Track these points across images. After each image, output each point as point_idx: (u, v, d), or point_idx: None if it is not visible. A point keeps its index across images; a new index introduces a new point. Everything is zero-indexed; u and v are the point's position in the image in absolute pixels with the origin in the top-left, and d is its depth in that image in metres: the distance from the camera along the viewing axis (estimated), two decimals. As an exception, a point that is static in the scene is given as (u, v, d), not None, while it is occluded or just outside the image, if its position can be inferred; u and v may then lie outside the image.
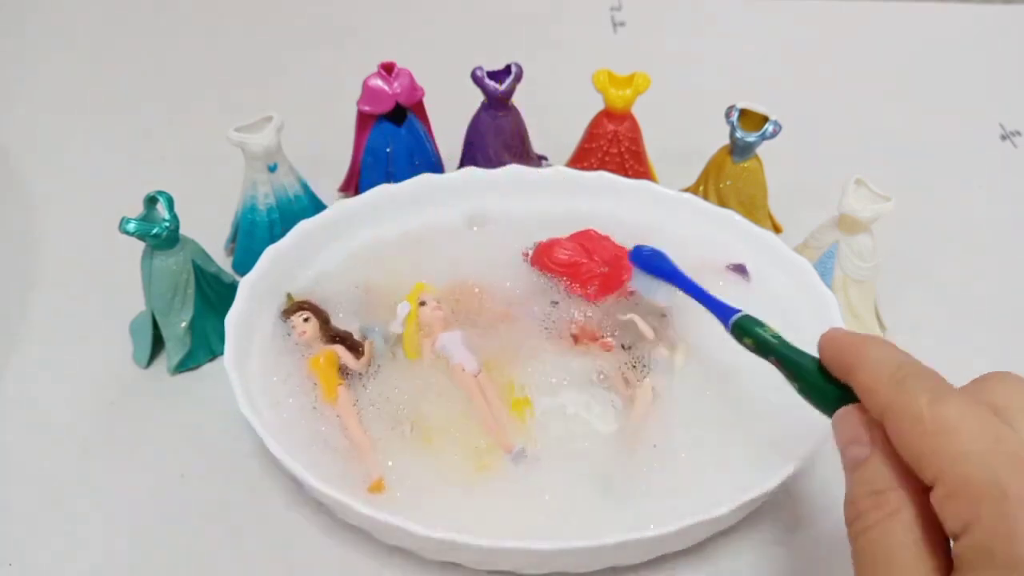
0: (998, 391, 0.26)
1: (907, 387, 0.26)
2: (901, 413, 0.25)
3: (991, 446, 0.23)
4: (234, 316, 0.40)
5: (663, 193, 0.48)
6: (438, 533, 0.33)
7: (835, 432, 0.29)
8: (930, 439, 0.24)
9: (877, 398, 0.27)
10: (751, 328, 0.34)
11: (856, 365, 0.28)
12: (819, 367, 0.30)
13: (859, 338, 0.29)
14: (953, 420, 0.24)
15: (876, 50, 0.73)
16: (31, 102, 0.66)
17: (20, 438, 0.42)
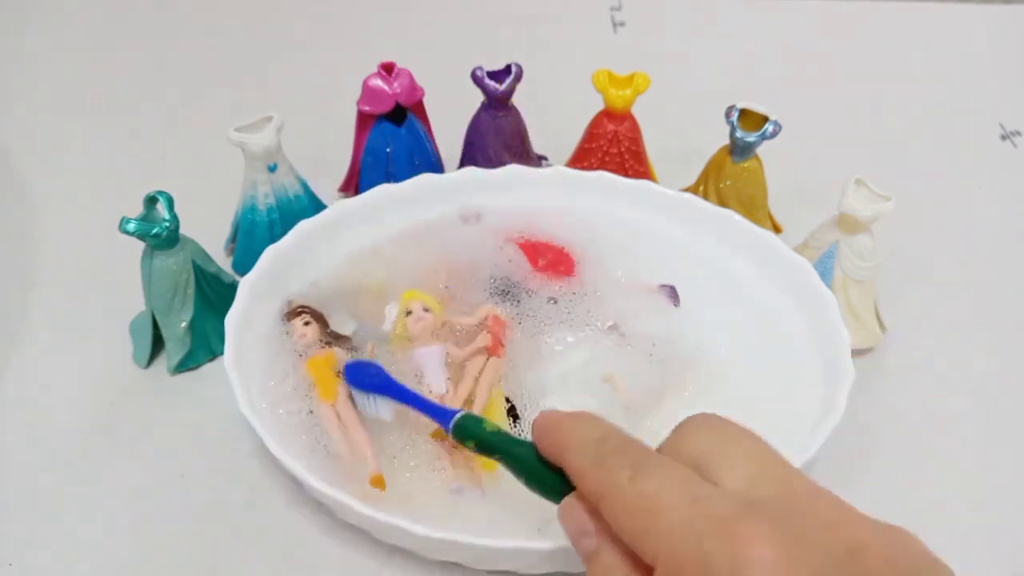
0: (696, 440, 0.26)
1: (609, 466, 0.25)
2: (607, 495, 0.25)
3: (691, 514, 0.23)
4: (234, 316, 0.40)
5: (663, 193, 0.48)
6: (438, 533, 0.33)
7: (563, 526, 0.27)
8: (638, 519, 0.24)
9: (586, 483, 0.26)
10: (471, 427, 0.33)
11: (564, 447, 0.27)
12: (538, 456, 0.29)
13: (567, 417, 0.29)
14: (653, 494, 0.24)
15: (876, 50, 0.73)
16: (31, 102, 0.66)
17: (20, 438, 0.42)
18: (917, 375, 0.46)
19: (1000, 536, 0.39)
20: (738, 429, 0.27)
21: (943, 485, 0.41)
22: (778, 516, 0.23)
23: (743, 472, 0.24)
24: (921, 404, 0.45)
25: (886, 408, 0.44)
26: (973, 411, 0.45)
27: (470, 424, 0.33)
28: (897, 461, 0.42)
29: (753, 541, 0.22)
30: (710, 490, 0.24)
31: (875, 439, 0.43)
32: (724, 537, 0.22)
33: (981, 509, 0.40)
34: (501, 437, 0.32)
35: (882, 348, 0.47)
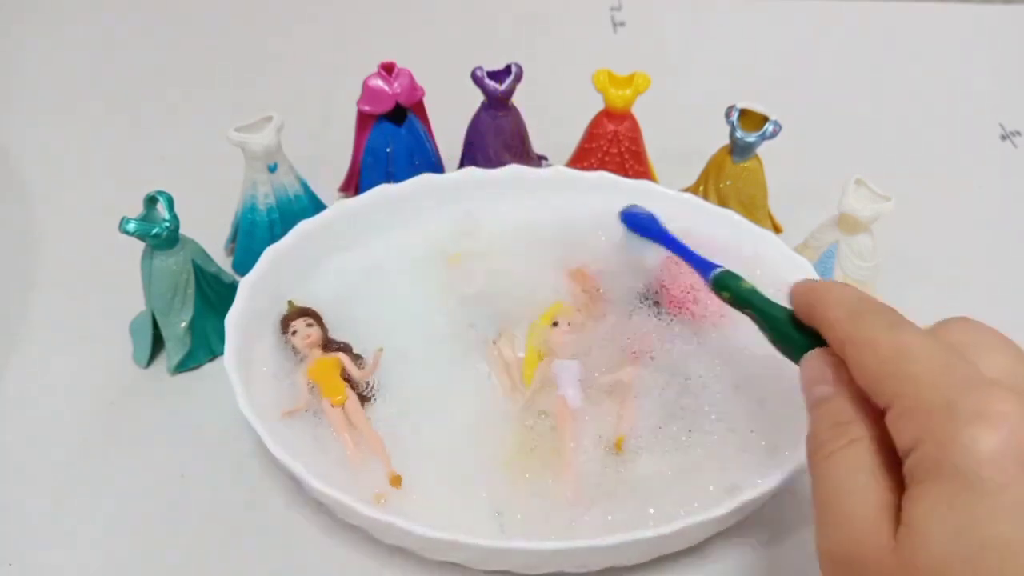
0: (954, 330, 0.27)
1: (866, 319, 0.27)
2: (859, 342, 0.26)
3: (942, 369, 0.24)
4: (234, 316, 0.40)
5: (663, 193, 0.48)
6: (438, 533, 0.33)
7: (801, 374, 0.29)
8: (886, 365, 0.25)
9: (837, 331, 0.28)
10: (729, 282, 0.35)
11: (819, 304, 0.29)
12: (791, 317, 0.31)
13: (824, 282, 0.31)
14: (908, 347, 0.25)
15: (876, 50, 0.73)
16: (31, 102, 0.66)
17: (20, 438, 0.42)
18: (917, 375, 0.46)
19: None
20: (997, 333, 0.27)
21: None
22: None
23: (998, 363, 0.25)
24: (921, 404, 0.45)
25: (886, 408, 0.44)
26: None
27: (728, 279, 0.36)
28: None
29: (1001, 399, 0.23)
30: (963, 359, 0.25)
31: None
32: (973, 393, 0.23)
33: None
34: (756, 294, 0.34)
35: (882, 348, 0.47)
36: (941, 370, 0.24)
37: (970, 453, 0.22)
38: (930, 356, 0.25)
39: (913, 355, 0.25)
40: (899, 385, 0.24)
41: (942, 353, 0.25)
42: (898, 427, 0.24)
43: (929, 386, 0.24)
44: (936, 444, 0.23)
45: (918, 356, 0.25)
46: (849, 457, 0.25)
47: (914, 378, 0.24)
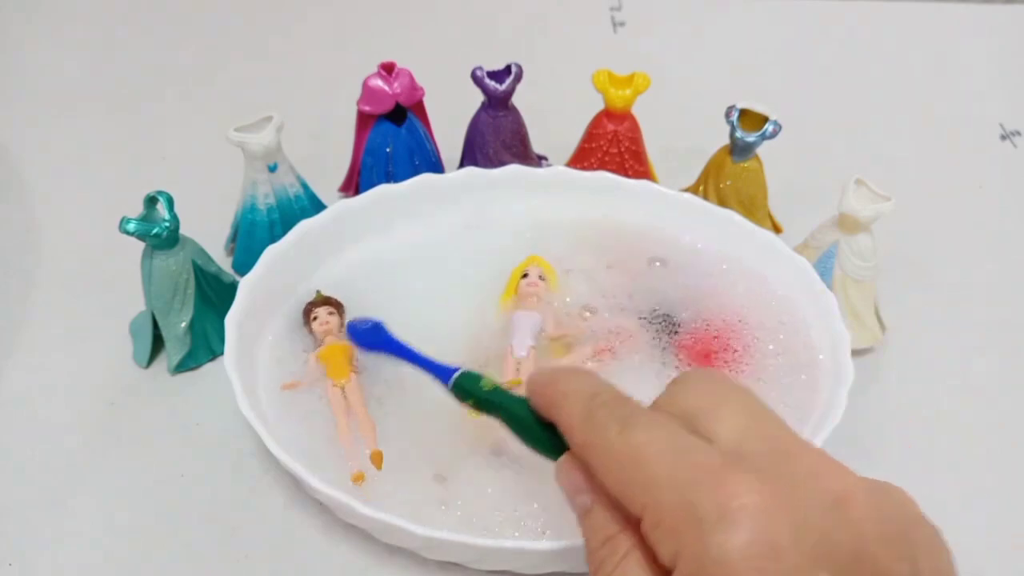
0: (689, 394, 0.26)
1: (598, 420, 0.25)
2: (596, 449, 0.25)
3: (677, 463, 0.23)
4: (234, 316, 0.40)
5: (663, 193, 0.48)
6: (438, 533, 0.33)
7: (559, 483, 0.28)
8: (625, 472, 0.24)
9: (575, 436, 0.26)
10: (468, 386, 0.32)
11: (555, 403, 0.28)
12: (535, 413, 0.29)
13: (558, 373, 0.29)
14: (641, 446, 0.24)
15: (876, 50, 0.73)
16: (31, 102, 0.66)
17: (20, 438, 0.42)
18: (917, 375, 0.46)
19: (1001, 535, 0.39)
20: (732, 385, 0.26)
21: (943, 485, 0.40)
22: (765, 467, 0.23)
23: (733, 426, 0.24)
24: (921, 404, 0.45)
25: (886, 408, 0.44)
26: (973, 411, 0.45)
27: (467, 382, 0.32)
28: (897, 461, 0.42)
29: (739, 490, 0.22)
30: (698, 442, 0.24)
31: (875, 439, 0.43)
32: (710, 486, 0.22)
33: (981, 509, 0.40)
34: (499, 395, 0.31)
35: (882, 348, 0.47)
36: (675, 466, 0.23)
37: (725, 564, 0.21)
38: (662, 454, 0.23)
39: (647, 457, 0.24)
40: (642, 493, 0.23)
41: (674, 444, 0.24)
42: (653, 540, 0.23)
43: (668, 489, 0.23)
44: (692, 558, 0.22)
45: (652, 457, 0.23)
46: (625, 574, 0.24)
47: (653, 483, 0.23)
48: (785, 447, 0.24)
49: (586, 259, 0.47)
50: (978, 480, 0.41)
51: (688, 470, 0.23)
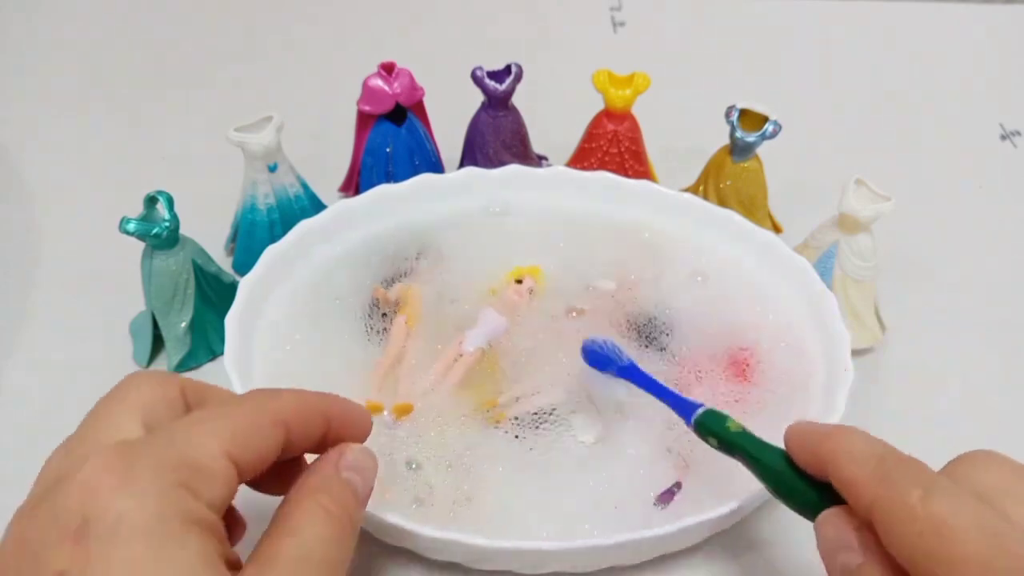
0: (981, 475, 0.25)
1: (894, 480, 0.25)
2: (891, 510, 0.24)
3: (990, 548, 0.22)
4: (234, 316, 0.40)
5: (663, 193, 0.48)
6: (438, 533, 0.33)
7: (819, 538, 0.27)
8: (926, 540, 0.23)
9: (862, 493, 0.25)
10: (713, 426, 0.32)
11: (832, 459, 0.27)
12: (790, 462, 0.29)
13: (830, 429, 0.28)
14: (947, 517, 0.23)
15: (876, 50, 0.73)
16: (31, 102, 0.66)
17: (20, 438, 0.42)
18: (917, 375, 0.46)
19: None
20: (1020, 466, 0.26)
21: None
22: None
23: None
24: (921, 404, 0.45)
25: (886, 408, 0.44)
26: (973, 411, 0.45)
27: (712, 422, 0.32)
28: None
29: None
30: (1008, 527, 0.23)
31: (875, 439, 0.43)
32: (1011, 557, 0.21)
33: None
34: (747, 438, 0.31)
35: (882, 348, 0.47)
36: (989, 549, 0.22)
37: None
38: (973, 533, 0.22)
39: (955, 529, 0.23)
40: (945, 569, 0.22)
41: (987, 524, 0.23)
42: None
43: (980, 571, 0.22)
44: None
45: (961, 531, 0.23)
46: None
47: (962, 562, 0.22)
48: None
49: (586, 259, 0.47)
50: (978, 480, 0.41)
51: (1004, 558, 0.22)
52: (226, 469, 0.25)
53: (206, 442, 0.25)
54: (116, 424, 0.26)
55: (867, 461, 0.26)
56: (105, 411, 0.27)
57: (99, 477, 0.23)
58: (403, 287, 0.44)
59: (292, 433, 0.27)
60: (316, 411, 0.29)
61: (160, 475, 0.23)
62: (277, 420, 0.27)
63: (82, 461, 0.24)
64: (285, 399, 0.28)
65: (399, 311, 0.43)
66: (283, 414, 0.27)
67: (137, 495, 0.23)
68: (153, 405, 0.27)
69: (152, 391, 0.27)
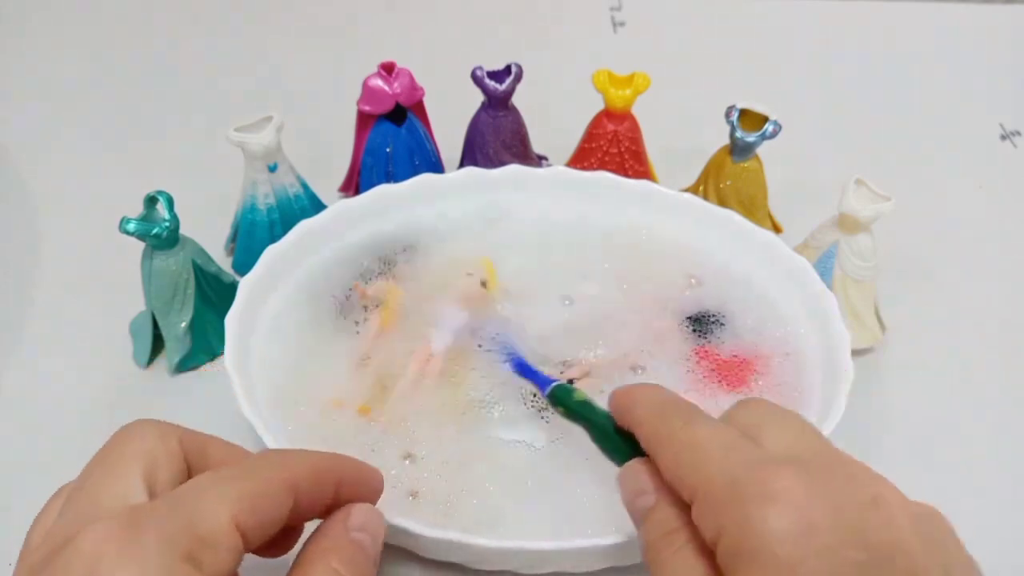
0: (743, 413, 0.28)
1: (666, 416, 0.28)
2: (660, 440, 0.28)
3: (726, 453, 0.25)
4: (234, 316, 0.40)
5: (663, 193, 0.48)
6: (438, 533, 0.33)
7: (620, 487, 0.29)
8: (681, 458, 0.26)
9: (644, 430, 0.29)
10: (561, 395, 0.36)
11: (631, 407, 0.30)
12: (615, 424, 0.32)
13: (638, 385, 0.32)
14: (698, 439, 0.26)
15: (876, 50, 0.73)
16: (31, 102, 0.66)
17: (20, 438, 0.42)
18: (917, 375, 0.46)
19: (1001, 536, 0.39)
20: (784, 410, 0.28)
21: (943, 485, 0.40)
22: (808, 467, 0.24)
23: (783, 439, 0.26)
24: (921, 404, 0.45)
25: (886, 408, 0.44)
26: (973, 411, 0.45)
27: (561, 393, 0.36)
28: (897, 461, 0.42)
29: (781, 474, 0.23)
30: (750, 442, 0.26)
31: (875, 439, 0.43)
32: (756, 472, 0.24)
33: (982, 509, 0.40)
34: (586, 407, 0.34)
35: (882, 348, 0.47)
36: (725, 454, 0.25)
37: (763, 535, 0.22)
38: (716, 443, 0.26)
39: (702, 445, 0.26)
40: (694, 476, 0.25)
41: (727, 438, 0.26)
42: (701, 521, 0.25)
43: (717, 472, 0.25)
44: (733, 531, 0.23)
45: (706, 445, 0.26)
46: (677, 563, 0.26)
47: (704, 467, 0.25)
48: (828, 457, 0.26)
49: (586, 259, 0.47)
50: (978, 480, 0.41)
51: (737, 458, 0.25)
52: (233, 539, 0.24)
53: (214, 509, 0.24)
54: (118, 483, 0.26)
55: (652, 406, 0.29)
56: (106, 466, 0.27)
57: (102, 547, 0.23)
58: (384, 285, 0.44)
59: (302, 498, 0.27)
60: (327, 474, 0.28)
61: (165, 548, 0.23)
62: (288, 486, 0.26)
63: (85, 525, 0.23)
64: (297, 462, 0.27)
65: (378, 308, 0.43)
66: (294, 479, 0.26)
67: (141, 568, 0.22)
68: (154, 459, 0.26)
69: (153, 444, 0.27)
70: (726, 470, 0.24)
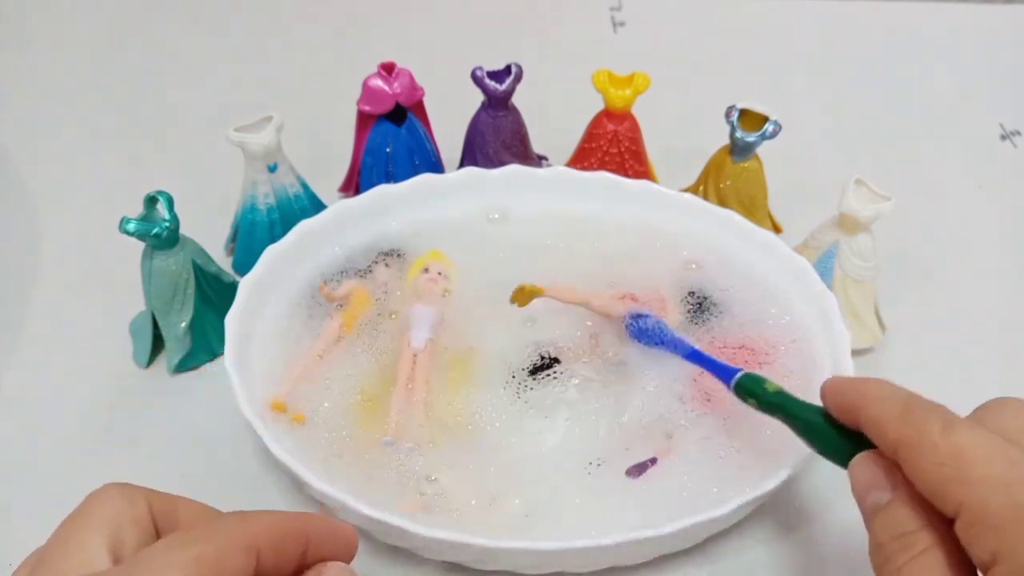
0: (1001, 416, 0.26)
1: (916, 418, 0.26)
2: (914, 445, 0.25)
3: (1008, 470, 0.23)
4: (234, 316, 0.40)
5: (663, 193, 0.48)
6: (438, 533, 0.33)
7: (852, 480, 0.28)
8: (947, 469, 0.24)
9: (887, 433, 0.27)
10: (753, 388, 0.34)
11: (861, 404, 0.28)
12: (826, 417, 0.30)
13: (861, 379, 0.30)
14: (967, 447, 0.24)
15: (876, 50, 0.73)
16: (31, 102, 0.66)
17: (20, 438, 0.42)
18: (917, 375, 0.46)
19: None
20: None
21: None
22: None
23: None
24: (921, 404, 0.45)
25: (886, 408, 0.44)
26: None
27: (751, 384, 0.34)
28: (897, 461, 0.42)
29: None
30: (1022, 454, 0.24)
31: (875, 439, 0.43)
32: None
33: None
34: (785, 398, 0.32)
35: (882, 348, 0.47)
36: (1007, 472, 0.23)
37: None
38: (992, 456, 0.24)
39: (974, 457, 0.24)
40: (965, 492, 0.24)
41: (1004, 451, 0.24)
42: (970, 539, 0.23)
43: (996, 492, 0.23)
44: (1013, 558, 0.22)
45: (979, 457, 0.24)
46: (921, 570, 0.24)
47: (979, 483, 0.23)
48: None
49: (586, 259, 0.47)
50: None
51: (1020, 477, 0.23)
52: None
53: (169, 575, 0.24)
54: (80, 552, 0.25)
55: (893, 404, 0.27)
56: (69, 535, 0.27)
57: None
58: (353, 286, 0.44)
59: (265, 560, 0.26)
60: (292, 534, 0.27)
61: None
62: (248, 547, 0.25)
63: None
64: (259, 524, 0.27)
65: (341, 310, 0.43)
66: (255, 540, 0.26)
67: None
68: (120, 526, 0.26)
69: (119, 509, 0.27)
70: (1006, 489, 0.23)
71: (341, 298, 0.44)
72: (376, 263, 0.46)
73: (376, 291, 0.44)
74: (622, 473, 0.37)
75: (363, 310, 0.43)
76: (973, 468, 0.24)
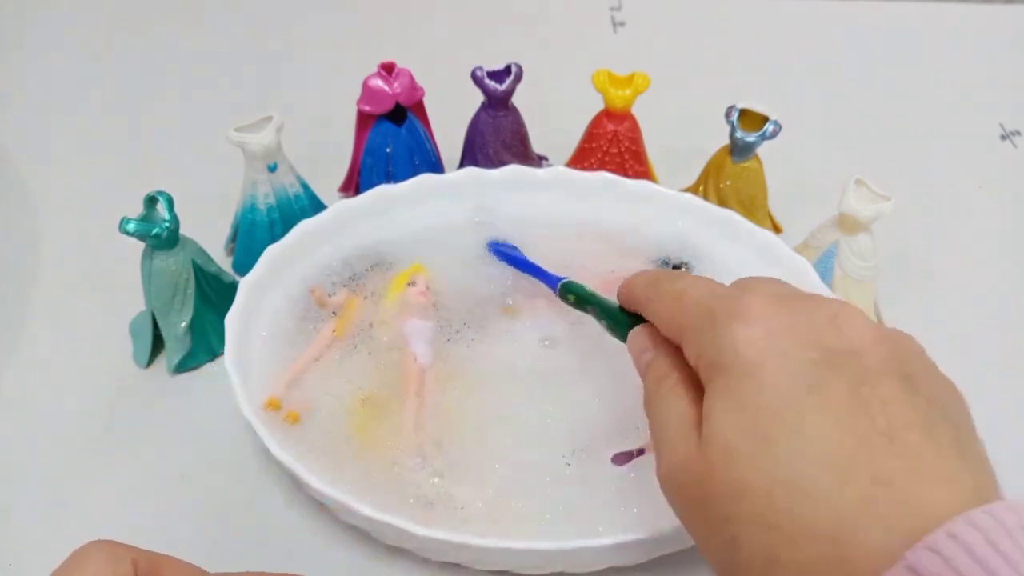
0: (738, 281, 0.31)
1: (659, 282, 0.32)
2: (653, 298, 0.32)
3: (707, 294, 0.29)
4: (234, 316, 0.40)
5: (663, 193, 0.48)
6: (438, 533, 0.33)
7: (629, 346, 0.33)
8: (671, 307, 0.30)
9: (642, 299, 0.33)
10: (572, 287, 0.40)
11: (632, 287, 0.34)
12: (621, 309, 0.36)
13: (638, 272, 0.35)
14: (683, 288, 0.30)
15: (876, 50, 0.73)
16: (31, 102, 0.66)
17: (20, 438, 0.42)
18: (917, 375, 0.46)
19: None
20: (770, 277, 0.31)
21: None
22: (778, 296, 0.27)
23: (762, 288, 0.29)
24: (921, 404, 0.45)
25: (886, 408, 0.44)
26: (973, 411, 0.44)
27: (572, 285, 0.40)
28: (897, 461, 0.42)
29: (749, 301, 0.27)
30: (731, 287, 0.29)
31: (875, 439, 0.43)
32: (731, 303, 0.27)
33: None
34: (594, 295, 0.38)
35: (882, 348, 0.47)
36: (707, 295, 0.29)
37: (732, 345, 0.26)
38: (698, 287, 0.30)
39: (687, 291, 0.30)
40: (681, 318, 0.29)
41: (709, 284, 0.30)
42: (687, 352, 0.28)
43: (697, 307, 0.28)
44: (709, 349, 0.26)
45: (690, 291, 0.29)
46: (669, 397, 0.28)
47: (688, 309, 0.29)
48: (799, 291, 0.29)
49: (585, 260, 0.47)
50: (978, 480, 0.41)
51: (716, 294, 0.29)
52: None
53: None
54: None
55: (645, 276, 0.33)
56: None
57: None
58: (348, 295, 0.44)
59: None
60: None
61: None
62: None
63: None
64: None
65: (334, 317, 0.43)
66: None
67: None
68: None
69: (102, 569, 0.27)
70: (705, 305, 0.28)
71: (335, 305, 0.44)
72: (368, 271, 0.45)
73: (367, 298, 0.44)
74: (638, 476, 0.37)
75: (356, 316, 0.43)
76: (687, 298, 0.29)
